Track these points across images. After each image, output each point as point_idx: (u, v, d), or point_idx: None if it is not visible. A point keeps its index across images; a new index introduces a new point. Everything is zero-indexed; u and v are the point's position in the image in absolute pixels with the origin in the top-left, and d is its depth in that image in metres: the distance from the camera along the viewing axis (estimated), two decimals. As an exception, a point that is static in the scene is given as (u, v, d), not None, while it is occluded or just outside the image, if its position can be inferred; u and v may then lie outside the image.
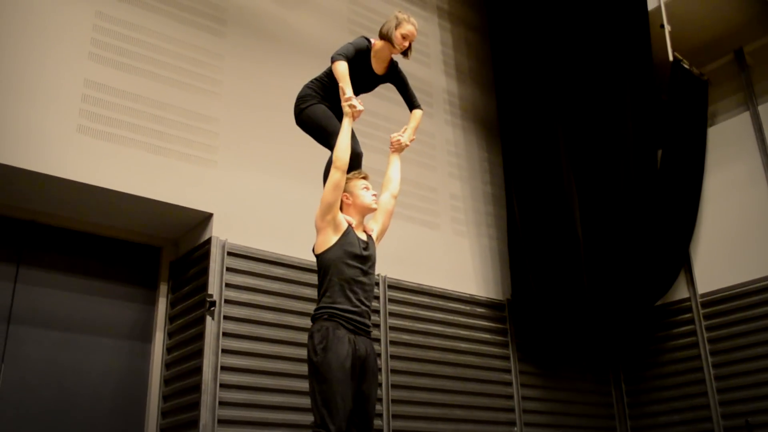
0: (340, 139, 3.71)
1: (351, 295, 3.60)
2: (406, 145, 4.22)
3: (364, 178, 3.88)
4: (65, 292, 5.49)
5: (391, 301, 6.27)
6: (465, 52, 8.02)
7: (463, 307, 6.80)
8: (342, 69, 3.87)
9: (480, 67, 8.04)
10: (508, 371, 6.85)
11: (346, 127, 3.75)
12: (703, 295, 7.18)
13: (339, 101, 3.85)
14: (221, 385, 5.09)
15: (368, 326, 3.67)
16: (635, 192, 6.99)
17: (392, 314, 6.23)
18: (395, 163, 4.16)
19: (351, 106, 3.75)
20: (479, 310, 6.93)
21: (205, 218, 5.55)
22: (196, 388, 5.06)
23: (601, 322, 7.15)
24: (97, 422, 5.31)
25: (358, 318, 3.59)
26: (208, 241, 5.43)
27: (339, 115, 3.92)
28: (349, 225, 3.74)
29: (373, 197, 3.88)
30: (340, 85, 3.83)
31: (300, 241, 5.71)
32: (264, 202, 5.77)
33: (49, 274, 5.46)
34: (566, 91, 7.38)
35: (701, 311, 7.15)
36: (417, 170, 7.00)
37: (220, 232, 5.47)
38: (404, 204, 6.71)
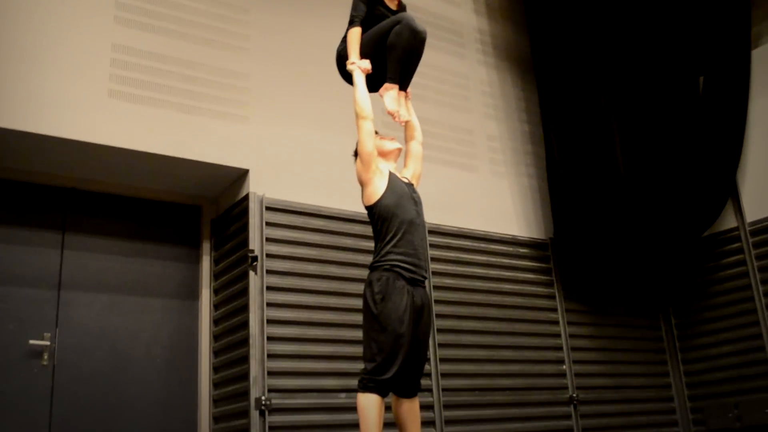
0: (356, 94, 3.76)
1: (411, 237, 3.62)
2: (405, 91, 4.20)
3: (375, 133, 3.87)
4: (111, 256, 5.59)
5: (433, 246, 6.25)
6: (494, -13, 7.80)
7: (505, 248, 6.75)
8: (352, 37, 3.91)
9: (511, 2, 7.81)
10: (554, 310, 6.81)
11: (357, 80, 3.80)
12: (751, 224, 6.99)
13: (372, 56, 3.92)
14: (268, 338, 5.17)
15: (425, 276, 3.69)
16: (677, 121, 6.80)
17: (434, 259, 6.22)
18: (411, 110, 4.19)
19: (351, 71, 3.85)
20: (522, 250, 6.88)
21: (242, 174, 5.57)
22: (245, 342, 5.14)
23: (647, 257, 7.04)
24: (152, 380, 5.46)
25: (416, 267, 3.61)
26: (246, 197, 5.45)
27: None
28: (390, 171, 3.75)
29: (391, 139, 3.94)
30: (348, 50, 3.90)
31: (337, 191, 5.72)
32: (299, 155, 5.76)
33: (94, 239, 5.55)
34: (601, 20, 7.13)
35: (750, 240, 6.97)
36: (452, 113, 6.90)
37: (258, 188, 5.48)
38: (441, 148, 6.64)
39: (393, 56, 3.83)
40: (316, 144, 5.84)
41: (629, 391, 7.01)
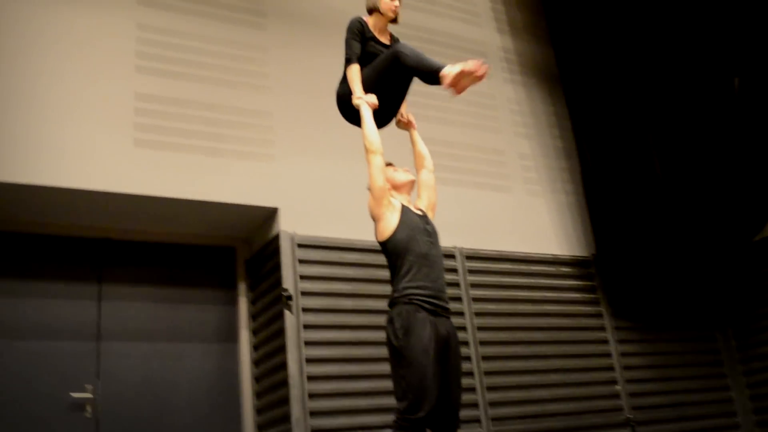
0: (365, 128, 3.68)
1: (428, 271, 3.52)
2: (410, 120, 4.15)
3: (388, 165, 3.80)
4: (148, 304, 5.59)
5: (471, 272, 6.12)
6: (516, 5, 7.71)
7: (546, 268, 6.58)
8: (352, 74, 3.85)
9: (533, 18, 7.71)
10: (602, 329, 6.59)
11: (365, 114, 3.71)
12: (805, 223, 6.70)
13: (374, 93, 3.82)
14: (309, 378, 5.08)
15: (447, 307, 3.57)
16: (714, 123, 6.57)
17: (474, 285, 6.08)
18: (418, 139, 4.13)
19: (358, 106, 3.76)
20: (564, 269, 6.69)
21: (271, 213, 5.54)
22: (284, 383, 5.06)
23: (697, 265, 6.78)
24: (196, 426, 5.40)
25: (436, 299, 3.50)
26: (277, 236, 5.41)
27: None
28: (402, 204, 3.67)
29: (405, 170, 3.85)
30: (351, 87, 3.83)
31: (369, 222, 5.59)
32: (327, 189, 5.71)
33: (130, 288, 5.56)
34: (628, 26, 6.95)
35: (805, 240, 6.68)
36: (481, 134, 6.80)
37: (288, 225, 5.44)
38: (472, 171, 6.55)
39: (422, 59, 3.71)
40: (343, 177, 5.79)
41: (688, 408, 6.71)
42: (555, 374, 6.14)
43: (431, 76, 3.59)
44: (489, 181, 6.64)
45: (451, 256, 6.04)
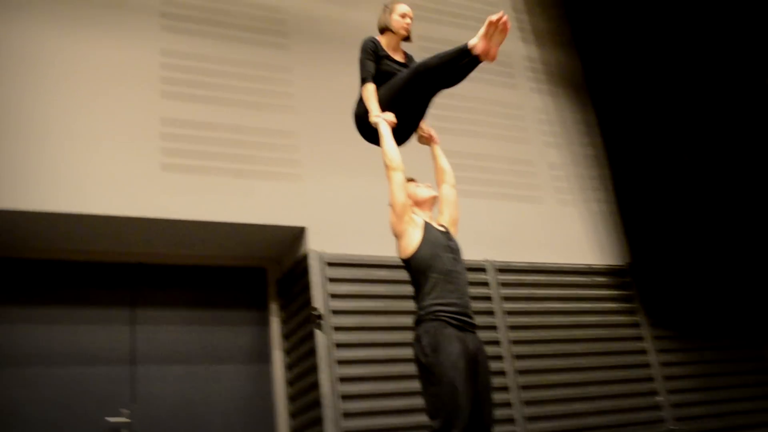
0: (384, 145, 3.66)
1: (452, 287, 3.47)
2: (431, 135, 4.10)
3: (410, 180, 3.79)
4: (181, 326, 5.61)
5: (503, 285, 6.04)
6: (539, 13, 7.65)
7: (581, 279, 6.46)
8: (368, 93, 3.84)
9: (557, 25, 7.64)
10: (641, 339, 6.45)
11: (384, 132, 3.69)
12: None
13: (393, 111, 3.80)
14: (342, 397, 5.05)
15: (474, 323, 3.51)
16: (749, 124, 6.40)
17: (506, 298, 6.00)
18: (440, 154, 4.08)
19: (376, 124, 3.73)
20: (599, 279, 6.57)
21: (299, 232, 5.53)
22: (318, 403, 5.03)
23: (738, 271, 6.60)
24: (232, 448, 5.40)
25: (463, 315, 3.44)
26: (306, 255, 5.40)
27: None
28: (425, 221, 3.63)
29: (427, 186, 3.82)
30: (367, 106, 3.81)
31: (397, 239, 5.60)
32: (355, 207, 5.69)
33: (163, 311, 5.60)
34: (655, 29, 6.83)
35: None
36: (510, 146, 6.73)
37: (316, 244, 5.43)
38: (501, 182, 6.48)
39: (444, 53, 3.69)
40: (369, 193, 5.76)
41: (734, 418, 6.50)
42: (593, 387, 6.01)
43: (461, 57, 3.58)
44: (519, 193, 6.57)
45: (482, 270, 5.97)
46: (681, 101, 6.69)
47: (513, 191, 6.52)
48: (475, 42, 3.55)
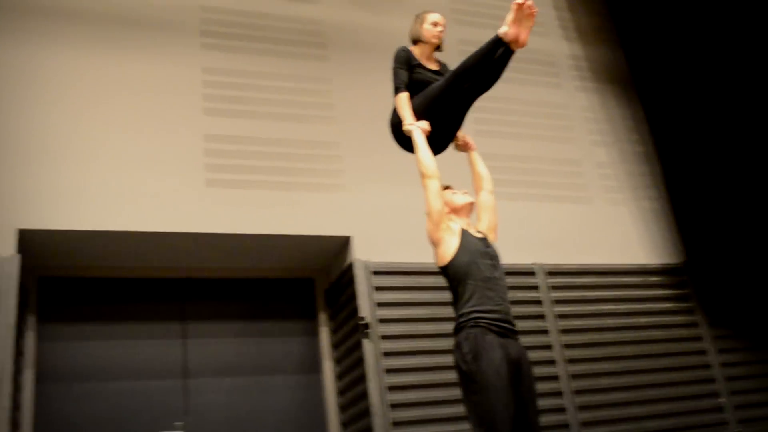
0: (418, 153, 3.64)
1: (491, 294, 3.42)
2: (468, 142, 4.06)
3: (446, 188, 3.76)
4: (232, 339, 5.69)
5: (554, 288, 5.94)
6: (582, 11, 7.51)
7: (634, 279, 6.30)
8: (402, 102, 3.81)
9: (601, 22, 7.49)
10: (699, 339, 6.25)
11: (418, 140, 3.66)
12: None
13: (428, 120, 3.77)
14: (392, 406, 5.03)
15: (515, 329, 3.45)
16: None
17: (558, 302, 5.90)
18: (478, 160, 4.03)
19: (409, 132, 3.71)
20: (653, 278, 6.40)
21: (345, 242, 5.55)
22: (368, 412, 5.02)
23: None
24: (285, 458, 5.44)
25: (503, 321, 3.39)
26: (352, 264, 5.41)
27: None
28: (462, 228, 3.58)
29: (464, 193, 3.78)
30: (401, 114, 3.79)
31: (442, 246, 5.57)
32: (398, 214, 5.66)
33: (213, 324, 5.68)
34: (701, 21, 6.63)
35: None
36: (556, 146, 6.62)
37: (362, 253, 5.44)
38: (549, 184, 6.39)
39: (476, 51, 3.67)
40: (412, 201, 5.67)
41: (802, 419, 6.27)
42: (650, 389, 5.85)
43: (495, 49, 3.58)
44: (567, 194, 6.45)
45: (531, 273, 5.89)
46: (730, 92, 6.48)
47: (561, 192, 6.41)
48: (506, 30, 3.54)
